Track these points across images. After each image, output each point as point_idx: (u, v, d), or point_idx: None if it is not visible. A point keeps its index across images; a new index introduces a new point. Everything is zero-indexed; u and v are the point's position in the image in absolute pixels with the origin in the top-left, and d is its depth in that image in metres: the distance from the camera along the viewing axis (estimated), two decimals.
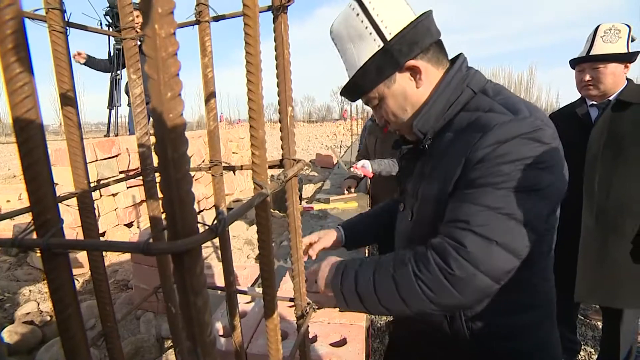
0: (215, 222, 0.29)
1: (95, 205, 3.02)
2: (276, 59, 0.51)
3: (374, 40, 0.72)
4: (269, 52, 0.52)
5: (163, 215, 0.29)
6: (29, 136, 0.30)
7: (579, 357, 2.06)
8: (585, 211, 1.50)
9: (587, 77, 1.58)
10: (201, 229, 0.28)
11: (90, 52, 4.14)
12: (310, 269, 0.82)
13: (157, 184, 0.59)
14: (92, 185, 0.62)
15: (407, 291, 0.66)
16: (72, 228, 2.85)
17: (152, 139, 0.27)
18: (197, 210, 4.15)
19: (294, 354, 0.55)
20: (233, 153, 5.61)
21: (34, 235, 0.32)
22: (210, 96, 0.62)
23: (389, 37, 0.71)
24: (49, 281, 0.33)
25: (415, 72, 0.74)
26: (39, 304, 2.24)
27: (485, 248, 0.62)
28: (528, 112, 0.67)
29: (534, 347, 0.76)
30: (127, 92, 4.44)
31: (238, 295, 0.78)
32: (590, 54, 1.56)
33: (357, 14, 0.72)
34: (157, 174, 0.63)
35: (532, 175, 0.63)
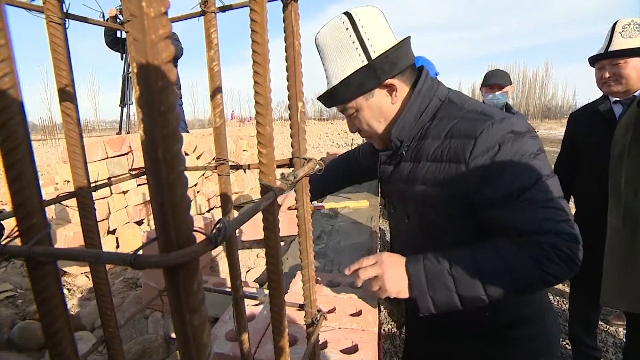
0: (215, 230, 0.25)
1: (106, 203, 3.03)
2: (286, 51, 0.48)
3: (359, 55, 0.78)
4: (279, 50, 0.49)
5: None
6: (11, 132, 0.27)
7: None
8: (612, 211, 1.43)
9: (607, 74, 1.52)
10: (199, 238, 0.25)
11: (98, 50, 4.17)
12: (367, 267, 0.83)
13: None
14: (98, 184, 0.60)
15: (529, 284, 0.70)
16: None
17: None
18: (208, 208, 4.15)
19: None
20: (244, 151, 5.61)
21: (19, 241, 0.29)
22: (216, 91, 0.59)
23: (373, 56, 0.78)
24: (35, 292, 0.30)
25: (392, 89, 0.83)
26: None
27: (575, 227, 0.70)
28: (500, 113, 0.76)
29: (536, 333, 0.88)
30: None
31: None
32: (609, 50, 1.50)
33: (347, 28, 0.78)
34: None
35: (540, 164, 0.72)
